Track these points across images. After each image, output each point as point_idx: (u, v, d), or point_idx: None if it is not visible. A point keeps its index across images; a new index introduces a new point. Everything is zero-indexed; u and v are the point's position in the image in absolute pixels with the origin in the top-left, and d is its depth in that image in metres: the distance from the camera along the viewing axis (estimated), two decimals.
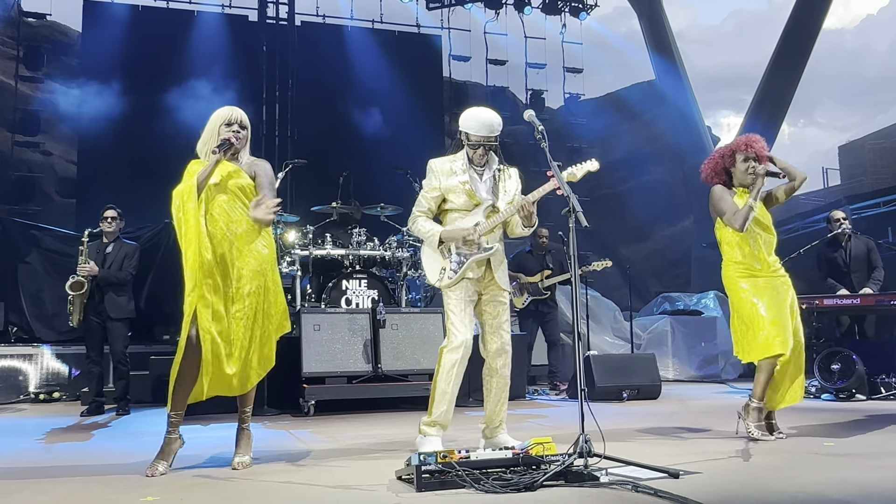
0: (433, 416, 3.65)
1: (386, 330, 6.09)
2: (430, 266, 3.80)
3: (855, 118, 50.15)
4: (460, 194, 3.75)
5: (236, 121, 3.55)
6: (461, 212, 3.76)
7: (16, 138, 12.50)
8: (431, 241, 3.74)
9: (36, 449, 4.35)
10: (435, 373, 3.68)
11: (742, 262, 4.22)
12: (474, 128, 3.73)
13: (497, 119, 3.74)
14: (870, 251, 7.03)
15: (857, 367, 6.28)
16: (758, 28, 46.76)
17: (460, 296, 3.66)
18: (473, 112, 3.78)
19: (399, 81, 13.01)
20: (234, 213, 3.45)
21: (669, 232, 16.91)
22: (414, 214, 3.85)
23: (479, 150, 3.75)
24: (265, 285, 3.50)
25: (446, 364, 3.61)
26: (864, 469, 3.24)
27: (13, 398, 7.14)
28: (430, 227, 3.76)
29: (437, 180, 3.78)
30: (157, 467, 3.29)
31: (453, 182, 3.75)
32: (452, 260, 3.69)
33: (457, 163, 3.79)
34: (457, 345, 3.60)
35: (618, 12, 22.51)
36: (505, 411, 3.80)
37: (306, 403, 5.70)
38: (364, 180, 8.42)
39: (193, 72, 11.37)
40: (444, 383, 3.61)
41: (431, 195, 3.81)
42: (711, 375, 9.43)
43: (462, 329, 3.61)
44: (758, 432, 4.07)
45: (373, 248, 7.14)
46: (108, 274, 6.07)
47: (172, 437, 3.40)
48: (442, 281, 3.70)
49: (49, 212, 12.61)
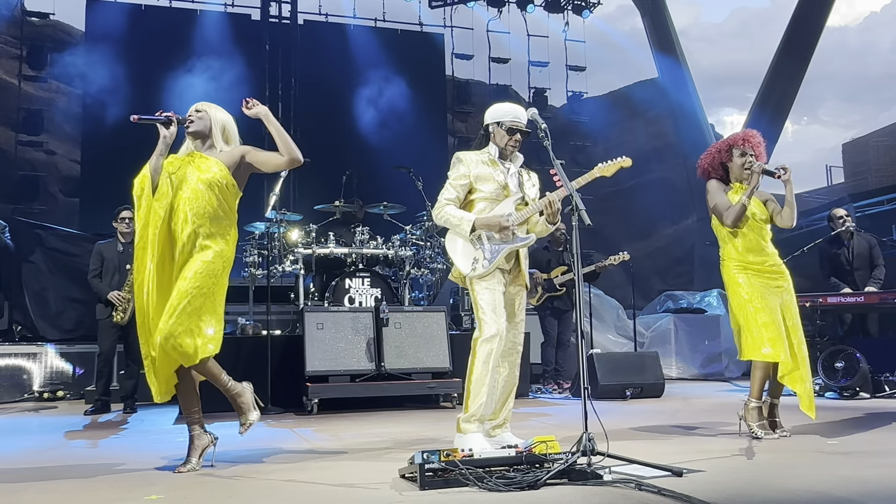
0: (471, 410, 3.52)
1: (389, 328, 6.09)
2: (460, 257, 3.66)
3: (859, 116, 50.06)
4: (490, 182, 3.67)
5: (196, 107, 3.59)
6: (489, 201, 3.68)
7: (19, 137, 12.54)
8: (463, 228, 3.61)
9: (40, 447, 4.36)
10: (469, 365, 3.56)
11: (737, 257, 4.21)
12: (509, 114, 3.71)
13: (525, 112, 3.74)
14: (871, 248, 7.01)
15: (861, 365, 6.27)
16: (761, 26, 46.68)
17: (491, 285, 3.57)
18: (501, 104, 3.79)
19: (402, 80, 13.01)
20: (201, 207, 3.38)
21: (673, 230, 16.90)
22: (440, 202, 3.71)
23: (514, 136, 3.68)
24: (209, 285, 3.35)
25: (481, 355, 3.51)
26: (869, 467, 3.23)
27: (17, 397, 7.16)
28: (462, 215, 3.64)
29: (466, 168, 3.69)
30: (186, 465, 3.34)
31: (484, 170, 3.69)
32: (485, 249, 3.60)
33: (483, 155, 3.74)
34: (491, 334, 3.50)
35: (621, 10, 22.48)
36: (510, 410, 3.75)
37: (309, 402, 5.71)
38: (367, 179, 8.42)
39: (196, 70, 11.40)
40: (480, 373, 3.51)
41: (460, 182, 3.69)
42: (715, 374, 9.43)
43: (494, 318, 3.52)
44: (760, 431, 4.07)
45: (376, 247, 7.14)
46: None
47: (194, 434, 3.44)
48: (476, 271, 3.58)
49: (53, 211, 12.65)
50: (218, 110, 3.62)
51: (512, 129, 3.69)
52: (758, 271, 4.17)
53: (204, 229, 3.36)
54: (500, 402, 3.71)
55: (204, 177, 3.40)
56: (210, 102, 3.65)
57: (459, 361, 6.09)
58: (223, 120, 3.60)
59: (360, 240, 7.13)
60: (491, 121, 3.77)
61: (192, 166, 3.44)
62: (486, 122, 3.80)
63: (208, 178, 3.40)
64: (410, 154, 9.87)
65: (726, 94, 47.29)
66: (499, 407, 3.72)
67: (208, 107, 3.59)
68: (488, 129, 3.78)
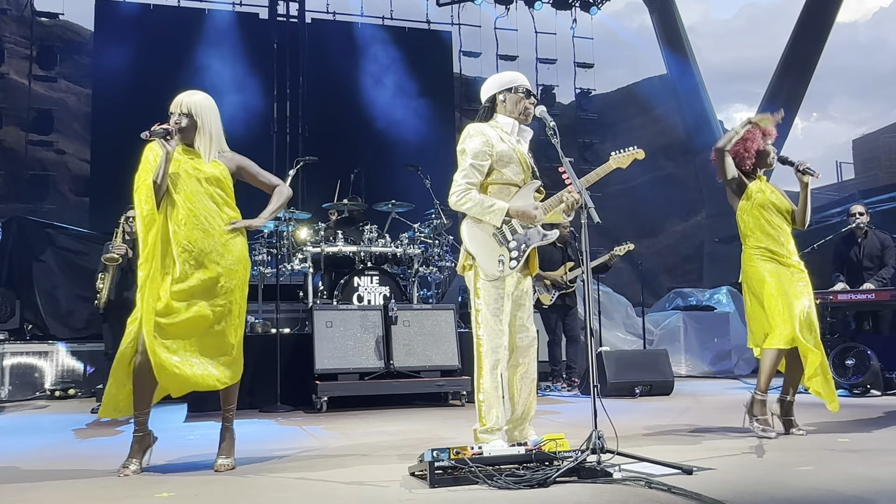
0: (487, 423, 3.30)
1: (398, 326, 6.10)
2: (483, 255, 3.30)
3: (869, 112, 49.80)
4: (516, 164, 3.32)
5: (176, 109, 3.39)
6: (513, 186, 3.33)
7: (30, 137, 12.62)
8: (496, 216, 3.23)
9: (52, 445, 4.39)
10: (476, 375, 3.34)
11: (763, 245, 4.14)
12: (518, 79, 3.43)
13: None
14: (885, 249, 6.94)
15: (872, 362, 6.24)
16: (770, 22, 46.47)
17: (500, 291, 3.30)
18: (500, 74, 3.52)
19: (409, 78, 13.01)
20: (208, 206, 3.34)
21: (681, 227, 16.86)
22: (462, 186, 3.28)
23: (530, 98, 3.37)
24: (240, 280, 3.38)
25: (487, 366, 3.30)
26: (880, 465, 3.22)
27: (29, 395, 7.21)
28: (493, 201, 3.24)
29: (488, 146, 3.28)
30: (128, 466, 3.23)
31: (504, 148, 3.30)
32: (511, 247, 3.29)
33: (501, 129, 3.35)
34: (496, 344, 3.30)
35: (629, 7, 22.41)
36: (534, 408, 3.51)
37: (319, 400, 5.72)
38: (375, 177, 8.43)
39: (205, 69, 11.43)
40: (489, 386, 3.30)
41: (483, 162, 3.28)
42: (724, 371, 9.40)
43: (497, 328, 3.30)
44: (759, 427, 4.03)
45: (384, 245, 7.15)
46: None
47: (139, 436, 3.32)
48: (504, 271, 3.27)
49: (63, 210, 12.72)
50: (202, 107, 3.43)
51: (528, 91, 3.38)
52: (783, 260, 4.12)
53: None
54: (524, 402, 3.47)
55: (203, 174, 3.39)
56: (196, 92, 3.49)
57: (468, 359, 6.10)
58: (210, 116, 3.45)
59: (369, 238, 7.15)
60: (498, 90, 3.42)
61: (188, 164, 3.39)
62: (490, 94, 3.44)
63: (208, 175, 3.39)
64: (418, 152, 9.89)
65: (735, 91, 47.17)
66: (524, 407, 3.47)
67: (192, 103, 3.40)
68: (494, 101, 3.43)
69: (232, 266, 3.36)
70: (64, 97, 13.71)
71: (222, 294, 3.32)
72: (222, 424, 3.44)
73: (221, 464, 3.32)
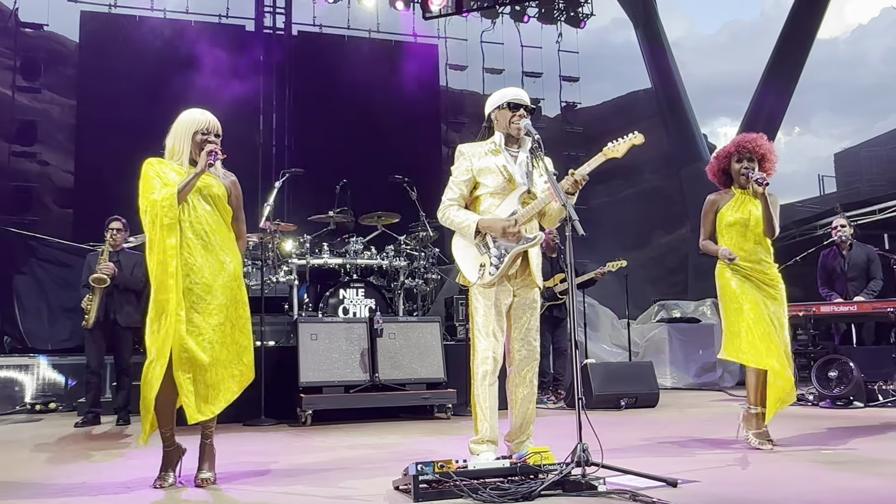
0: (480, 433, 3.42)
1: (383, 339, 6.07)
2: (466, 264, 3.48)
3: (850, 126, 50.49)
4: (495, 175, 3.48)
5: (213, 130, 3.41)
6: (496, 196, 3.49)
7: (13, 148, 12.49)
8: (467, 231, 3.43)
9: (33, 461, 4.32)
10: (470, 387, 3.46)
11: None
12: (509, 94, 3.57)
13: (526, 94, 3.64)
14: (871, 261, 7.02)
15: (855, 374, 6.28)
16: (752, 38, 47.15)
17: (490, 301, 3.40)
18: (499, 90, 3.65)
19: (396, 90, 13.04)
20: (212, 222, 3.35)
21: (666, 240, 16.95)
22: (444, 204, 3.53)
23: (517, 111, 3.51)
24: (236, 297, 3.38)
25: (478, 376, 3.40)
26: (863, 476, 3.24)
27: (9, 409, 7.10)
28: (465, 217, 3.45)
29: (468, 162, 3.52)
30: (166, 479, 3.25)
31: (487, 162, 3.50)
32: (492, 255, 3.42)
33: (487, 145, 3.57)
34: (485, 356, 3.38)
35: (614, 23, 22.67)
36: (533, 423, 3.55)
37: (303, 413, 5.68)
38: (361, 189, 8.42)
39: (190, 82, 11.38)
40: (479, 394, 3.40)
41: (463, 179, 3.52)
42: (709, 383, 9.42)
43: (487, 339, 3.39)
44: (756, 440, 4.07)
45: (370, 257, 7.14)
46: (125, 278, 6.06)
47: (169, 450, 3.34)
48: (483, 278, 3.39)
49: (46, 222, 12.58)
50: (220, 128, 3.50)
51: (514, 105, 3.53)
52: (749, 277, 4.17)
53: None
54: (521, 416, 3.50)
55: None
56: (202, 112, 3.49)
57: (454, 372, 6.09)
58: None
59: (354, 250, 7.13)
60: (492, 108, 3.62)
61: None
62: (486, 113, 3.66)
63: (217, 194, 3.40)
64: (405, 164, 9.85)
65: (719, 105, 47.69)
66: (522, 421, 3.51)
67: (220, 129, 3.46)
68: (490, 119, 3.63)
69: (227, 283, 3.33)
70: (48, 108, 13.60)
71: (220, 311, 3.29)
72: (202, 441, 3.39)
73: (203, 478, 3.29)
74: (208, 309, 3.25)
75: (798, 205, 16.35)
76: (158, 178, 3.30)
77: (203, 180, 3.34)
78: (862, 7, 55.68)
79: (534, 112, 3.64)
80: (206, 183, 3.36)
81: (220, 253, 3.34)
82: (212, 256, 3.31)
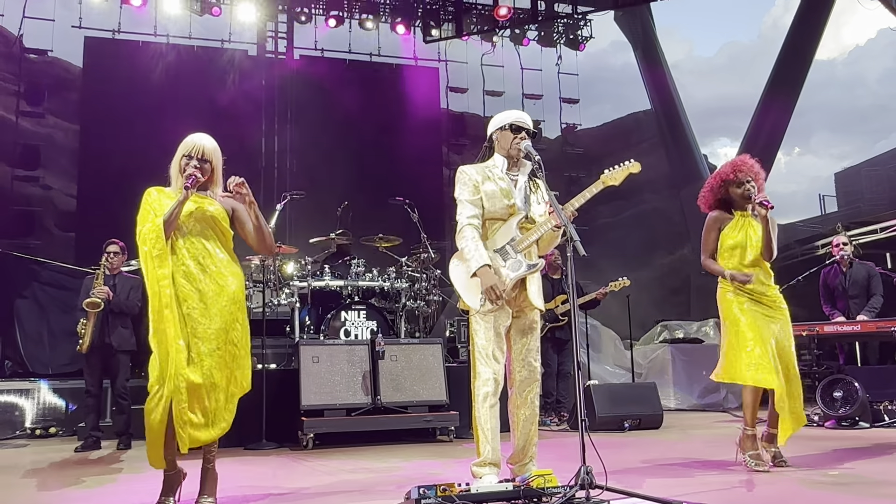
0: (482, 455, 3.38)
1: (385, 361, 6.05)
2: (466, 290, 3.46)
3: (850, 146, 50.72)
4: (497, 199, 3.48)
5: (196, 154, 3.34)
6: (498, 220, 3.50)
7: (16, 172, 12.57)
8: (469, 266, 3.38)
9: (32, 486, 4.29)
10: (472, 409, 3.45)
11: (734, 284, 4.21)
12: (511, 116, 3.57)
13: (528, 117, 3.64)
14: (871, 278, 7.02)
15: (860, 394, 6.24)
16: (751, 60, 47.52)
17: (489, 324, 3.40)
18: (502, 112, 3.65)
19: (397, 113, 13.14)
20: (209, 246, 3.31)
21: (668, 260, 16.92)
22: (462, 223, 3.46)
23: (520, 133, 3.51)
24: (235, 319, 3.33)
25: (478, 398, 3.39)
26: (869, 498, 3.20)
27: (9, 434, 7.06)
28: (475, 254, 3.37)
29: (473, 182, 3.50)
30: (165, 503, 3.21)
31: (490, 187, 3.49)
32: None
33: (489, 169, 3.55)
34: (485, 378, 3.38)
35: (614, 45, 22.85)
36: (536, 445, 3.53)
37: (305, 437, 5.64)
38: (363, 211, 8.44)
39: (193, 106, 11.48)
40: (481, 416, 3.38)
41: (475, 197, 3.48)
42: (713, 404, 9.36)
43: (488, 362, 3.38)
44: (752, 462, 4.03)
45: (371, 279, 7.13)
46: (119, 302, 6.06)
47: (170, 474, 3.29)
48: (485, 305, 3.38)
49: (49, 246, 12.61)
50: (215, 152, 3.46)
51: (517, 127, 3.52)
52: (752, 299, 4.16)
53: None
54: (524, 438, 3.49)
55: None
56: (204, 135, 3.47)
57: (456, 394, 6.05)
58: (219, 159, 3.47)
59: (356, 272, 7.12)
60: (494, 129, 3.61)
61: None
62: (488, 134, 3.65)
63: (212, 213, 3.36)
64: (406, 186, 9.89)
65: (719, 125, 47.98)
66: (524, 444, 3.49)
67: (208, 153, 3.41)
68: (492, 140, 3.62)
69: (226, 306, 3.30)
70: (51, 133, 13.69)
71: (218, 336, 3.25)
72: (203, 465, 3.36)
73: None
74: (206, 334, 3.21)
75: (800, 224, 16.36)
76: (152, 210, 3.27)
77: (196, 203, 3.31)
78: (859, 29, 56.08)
79: (535, 136, 3.64)
80: (199, 206, 3.32)
81: (219, 275, 3.30)
82: (210, 280, 3.28)
